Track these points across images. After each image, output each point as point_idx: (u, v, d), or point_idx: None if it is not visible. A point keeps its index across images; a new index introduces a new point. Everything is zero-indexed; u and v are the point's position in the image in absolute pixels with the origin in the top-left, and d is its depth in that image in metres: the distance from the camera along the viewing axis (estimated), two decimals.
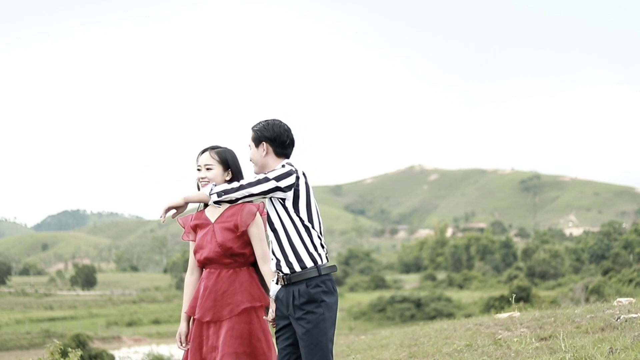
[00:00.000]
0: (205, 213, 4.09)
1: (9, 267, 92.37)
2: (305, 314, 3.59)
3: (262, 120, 3.86)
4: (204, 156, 4.05)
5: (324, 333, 3.60)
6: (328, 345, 3.60)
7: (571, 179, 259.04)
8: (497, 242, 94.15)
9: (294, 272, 3.65)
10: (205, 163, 4.03)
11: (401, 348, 7.46)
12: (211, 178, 4.01)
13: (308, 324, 3.59)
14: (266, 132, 3.77)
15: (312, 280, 3.61)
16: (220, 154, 4.05)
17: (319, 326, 3.59)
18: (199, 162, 4.05)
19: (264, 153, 3.78)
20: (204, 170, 4.03)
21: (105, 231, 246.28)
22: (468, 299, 57.05)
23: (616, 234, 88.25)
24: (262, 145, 3.79)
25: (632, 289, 39.60)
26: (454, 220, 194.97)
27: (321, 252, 3.69)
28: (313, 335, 3.58)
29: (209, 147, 4.09)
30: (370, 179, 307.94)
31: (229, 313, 3.88)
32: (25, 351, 38.33)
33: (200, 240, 4.00)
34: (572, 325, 6.05)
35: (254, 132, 3.83)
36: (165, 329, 55.80)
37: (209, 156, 4.04)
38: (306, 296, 3.60)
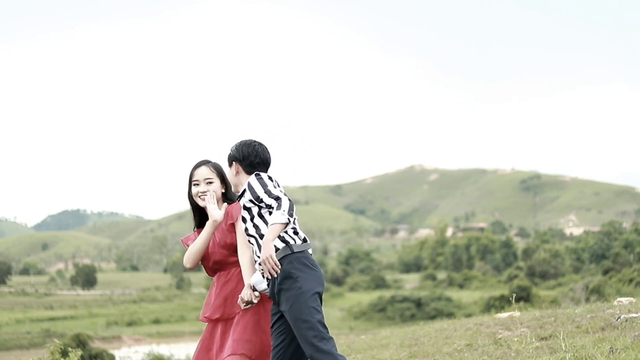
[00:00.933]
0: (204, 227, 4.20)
1: (9, 267, 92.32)
2: (285, 292, 3.73)
3: (240, 140, 4.11)
4: (202, 170, 4.14)
5: (306, 305, 3.68)
6: (314, 316, 3.68)
7: (571, 178, 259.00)
8: (498, 242, 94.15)
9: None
10: (206, 177, 4.11)
11: (401, 348, 7.46)
12: (213, 190, 4.11)
13: (288, 300, 3.71)
14: (236, 153, 4.05)
15: (285, 259, 3.75)
16: (217, 168, 4.17)
17: (298, 300, 3.69)
18: (197, 176, 4.12)
19: (235, 172, 4.06)
20: (203, 184, 4.11)
21: (105, 231, 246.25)
22: (468, 299, 57.06)
23: (616, 234, 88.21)
24: (233, 165, 4.07)
25: (633, 289, 39.58)
26: (454, 220, 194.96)
27: (292, 235, 3.81)
28: (295, 310, 3.69)
29: (203, 161, 4.17)
30: (371, 178, 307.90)
31: (239, 309, 3.96)
32: (26, 351, 38.32)
33: (208, 248, 4.09)
34: (572, 325, 6.05)
35: (228, 153, 4.09)
36: (165, 328, 55.84)
37: (208, 170, 4.14)
38: (282, 274, 3.73)
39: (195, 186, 4.12)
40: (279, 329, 3.84)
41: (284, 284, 3.73)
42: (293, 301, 3.69)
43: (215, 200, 4.10)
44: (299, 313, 3.67)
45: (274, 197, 3.83)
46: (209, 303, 4.06)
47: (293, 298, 3.70)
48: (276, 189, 3.87)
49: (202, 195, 4.09)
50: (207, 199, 4.06)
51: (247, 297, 3.86)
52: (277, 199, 3.81)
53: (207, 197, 4.06)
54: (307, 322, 3.66)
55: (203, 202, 4.10)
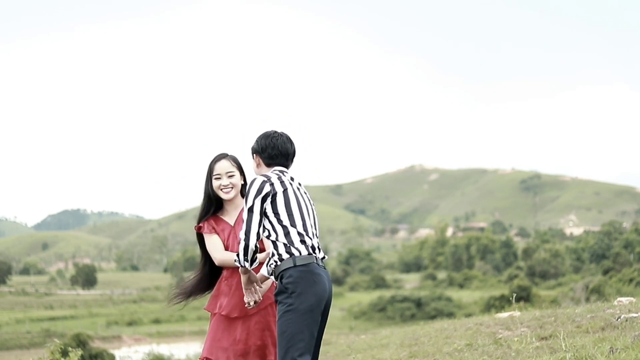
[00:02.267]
0: (221, 217, 4.28)
1: (9, 267, 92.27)
2: (278, 303, 3.78)
3: (262, 132, 4.09)
4: (223, 163, 4.21)
5: (291, 323, 3.70)
6: (295, 336, 3.67)
7: (571, 178, 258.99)
8: (498, 242, 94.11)
9: (276, 265, 3.84)
10: (227, 170, 4.19)
11: (401, 347, 7.46)
12: (235, 184, 4.21)
13: (278, 313, 3.77)
14: (255, 145, 4.05)
15: (286, 272, 3.77)
16: (236, 161, 4.25)
17: (285, 316, 3.72)
18: (218, 170, 4.18)
19: (256, 164, 4.06)
20: (225, 178, 4.18)
21: (105, 231, 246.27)
22: (468, 299, 57.03)
23: (616, 234, 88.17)
24: (254, 157, 4.07)
25: (633, 289, 39.52)
26: (455, 220, 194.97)
27: (299, 247, 3.80)
28: (280, 324, 3.73)
29: (223, 155, 4.24)
30: (371, 178, 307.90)
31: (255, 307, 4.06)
32: (26, 350, 38.27)
33: (225, 241, 4.19)
34: (572, 325, 6.04)
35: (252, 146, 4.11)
36: (165, 328, 55.82)
37: (229, 163, 4.21)
38: (279, 287, 3.79)
39: (216, 179, 4.18)
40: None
41: (278, 297, 3.78)
42: (280, 315, 3.75)
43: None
44: (282, 329, 3.72)
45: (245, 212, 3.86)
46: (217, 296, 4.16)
47: (281, 312, 3.75)
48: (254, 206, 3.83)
49: (224, 188, 4.18)
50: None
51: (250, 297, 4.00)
52: (245, 224, 3.83)
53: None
54: (285, 340, 3.69)
55: (226, 195, 4.19)
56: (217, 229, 4.23)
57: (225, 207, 4.30)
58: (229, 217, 4.27)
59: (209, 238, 4.21)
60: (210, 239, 4.21)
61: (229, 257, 4.12)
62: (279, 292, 3.77)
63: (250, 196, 3.83)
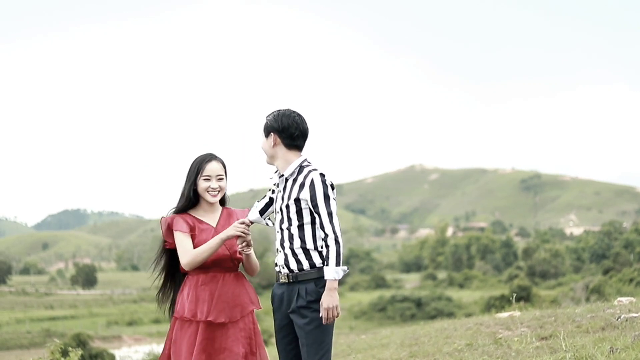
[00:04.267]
0: (197, 217, 3.97)
1: (9, 267, 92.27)
2: (312, 312, 3.59)
3: (276, 110, 3.81)
4: (215, 165, 3.94)
5: (328, 332, 3.62)
6: (329, 345, 3.63)
7: (572, 178, 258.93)
8: (498, 242, 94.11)
9: (302, 270, 3.64)
10: (218, 173, 3.94)
11: (402, 347, 7.45)
12: (222, 188, 3.96)
13: (313, 322, 3.59)
14: (275, 123, 3.75)
15: (320, 280, 3.61)
16: (224, 165, 4.00)
17: (321, 326, 3.60)
18: (209, 171, 3.92)
19: (272, 144, 3.76)
20: (215, 180, 3.93)
21: (105, 230, 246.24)
22: (468, 299, 57.01)
23: (617, 234, 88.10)
24: (271, 136, 3.76)
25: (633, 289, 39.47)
26: (455, 220, 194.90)
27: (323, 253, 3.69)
28: (317, 334, 3.59)
29: (213, 156, 3.98)
30: (371, 178, 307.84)
31: (239, 313, 3.91)
32: (26, 350, 38.28)
33: (204, 242, 3.90)
34: (572, 325, 6.04)
35: (265, 122, 3.80)
36: (165, 328, 55.63)
37: (220, 166, 3.96)
38: (314, 295, 3.60)
39: (205, 181, 3.91)
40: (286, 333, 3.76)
41: (314, 305, 3.59)
42: (318, 324, 3.59)
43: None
44: (320, 339, 3.58)
45: (329, 214, 3.59)
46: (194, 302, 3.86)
47: (319, 321, 3.59)
48: (334, 201, 3.64)
49: (212, 191, 3.92)
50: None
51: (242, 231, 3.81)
52: (332, 226, 3.58)
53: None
54: (324, 349, 3.59)
55: (212, 199, 3.93)
56: (196, 229, 3.93)
57: (203, 206, 4.00)
58: (209, 218, 4.00)
59: (179, 238, 3.89)
60: (180, 239, 3.89)
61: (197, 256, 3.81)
62: (314, 301, 3.59)
63: (331, 196, 3.62)
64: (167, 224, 3.94)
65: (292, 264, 3.68)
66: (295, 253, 3.67)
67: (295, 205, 3.67)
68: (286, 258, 3.71)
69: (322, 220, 3.60)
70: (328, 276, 3.53)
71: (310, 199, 3.63)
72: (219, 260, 3.92)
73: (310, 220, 3.65)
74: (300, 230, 3.67)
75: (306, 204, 3.65)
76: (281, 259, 3.74)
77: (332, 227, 3.58)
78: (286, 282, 3.70)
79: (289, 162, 3.76)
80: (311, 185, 3.64)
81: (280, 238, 3.75)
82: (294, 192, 3.68)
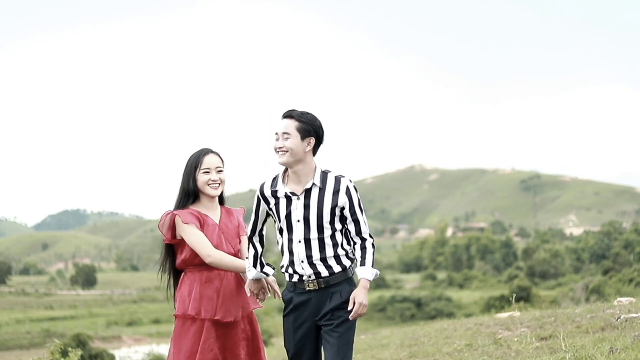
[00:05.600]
0: (201, 212, 3.88)
1: (9, 267, 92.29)
2: (345, 312, 3.50)
3: (306, 111, 3.55)
4: (213, 158, 3.88)
5: (353, 333, 3.59)
6: (352, 345, 3.59)
7: (571, 178, 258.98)
8: (498, 242, 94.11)
9: (334, 274, 3.53)
10: (218, 165, 3.87)
11: (401, 348, 7.45)
12: (223, 181, 3.90)
13: (346, 322, 3.52)
14: (315, 127, 3.52)
15: (351, 281, 3.57)
16: (221, 157, 3.93)
17: (353, 326, 3.57)
18: (208, 164, 3.84)
19: (308, 148, 3.52)
20: (214, 173, 3.86)
21: (105, 231, 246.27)
22: (468, 299, 57.03)
23: (616, 234, 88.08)
24: (308, 140, 3.52)
25: (633, 289, 39.45)
26: (454, 220, 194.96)
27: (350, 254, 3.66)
28: (349, 335, 3.54)
29: (209, 149, 3.90)
30: (371, 178, 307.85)
31: (243, 312, 3.88)
32: (26, 351, 38.29)
33: (213, 240, 3.83)
34: (572, 325, 6.03)
35: (302, 123, 3.50)
36: (165, 328, 55.76)
37: (219, 159, 3.90)
38: (347, 295, 3.51)
39: (205, 174, 3.82)
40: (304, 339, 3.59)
41: (347, 305, 3.49)
42: (350, 325, 3.53)
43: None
44: (348, 339, 3.52)
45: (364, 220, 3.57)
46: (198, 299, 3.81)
47: (351, 322, 3.53)
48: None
49: (212, 183, 3.84)
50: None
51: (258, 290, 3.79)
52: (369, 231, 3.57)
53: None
54: (351, 348, 3.53)
55: (214, 191, 3.86)
56: (203, 224, 3.84)
57: (204, 202, 3.90)
58: (211, 213, 3.91)
59: (193, 231, 3.78)
60: (195, 232, 3.78)
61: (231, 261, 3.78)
62: (346, 302, 3.50)
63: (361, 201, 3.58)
64: (172, 219, 3.82)
65: (324, 271, 3.54)
66: (327, 261, 3.53)
67: (330, 214, 3.50)
68: (316, 267, 3.53)
69: (361, 227, 3.54)
70: (365, 275, 3.48)
71: (348, 206, 3.52)
72: None
73: (341, 227, 3.56)
74: (333, 239, 3.52)
75: (340, 211, 3.52)
76: (309, 269, 3.54)
77: (369, 232, 3.58)
78: (315, 288, 3.55)
79: (312, 169, 3.58)
80: (347, 192, 3.53)
81: (305, 248, 3.53)
82: (328, 200, 3.51)
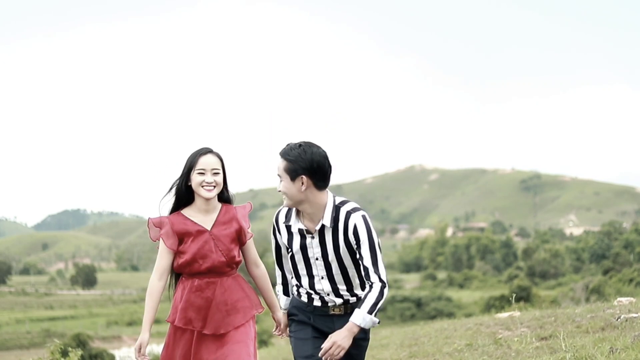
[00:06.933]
0: (190, 218, 3.60)
1: (9, 267, 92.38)
2: (365, 341, 3.43)
3: (293, 144, 3.18)
4: (210, 158, 3.56)
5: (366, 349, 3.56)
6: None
7: (571, 178, 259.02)
8: (498, 242, 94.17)
9: (359, 298, 3.37)
10: (213, 167, 3.55)
11: (401, 348, 7.45)
12: (218, 183, 3.56)
13: (364, 342, 3.44)
14: (304, 163, 3.11)
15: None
16: (221, 158, 3.62)
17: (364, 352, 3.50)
18: (203, 164, 3.54)
19: (303, 188, 3.15)
20: (210, 174, 3.54)
21: (105, 231, 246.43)
22: (468, 299, 57.04)
23: (616, 234, 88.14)
24: (300, 178, 3.14)
25: (633, 289, 39.47)
26: (454, 220, 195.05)
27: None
28: (364, 354, 3.48)
29: (208, 149, 3.60)
30: (371, 178, 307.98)
31: (242, 319, 3.64)
32: (26, 351, 38.27)
33: (200, 249, 3.56)
34: (572, 325, 6.03)
35: (288, 162, 3.15)
36: (165, 328, 55.32)
37: (216, 160, 3.58)
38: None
39: (200, 175, 3.51)
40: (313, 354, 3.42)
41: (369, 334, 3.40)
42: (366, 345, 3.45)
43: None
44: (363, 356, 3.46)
45: (373, 263, 3.19)
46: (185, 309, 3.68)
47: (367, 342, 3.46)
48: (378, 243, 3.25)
49: (206, 185, 3.53)
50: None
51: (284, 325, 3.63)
52: (378, 274, 3.20)
53: None
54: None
55: (207, 194, 3.54)
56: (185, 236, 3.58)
57: (199, 204, 3.61)
58: (202, 219, 3.61)
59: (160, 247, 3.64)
60: (160, 249, 3.64)
61: (149, 307, 3.70)
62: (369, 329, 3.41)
63: (376, 239, 3.23)
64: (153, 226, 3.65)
65: (352, 299, 3.38)
66: (354, 290, 3.35)
67: (349, 253, 3.24)
68: (343, 297, 3.36)
69: (368, 270, 3.20)
70: (355, 319, 3.18)
71: (356, 247, 3.21)
72: (215, 267, 3.59)
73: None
74: (358, 270, 3.30)
75: (356, 248, 3.24)
76: (338, 300, 3.35)
77: (378, 276, 3.19)
78: (342, 313, 3.36)
79: (322, 206, 3.22)
80: (354, 231, 3.20)
81: (330, 283, 3.30)
82: (341, 241, 3.21)
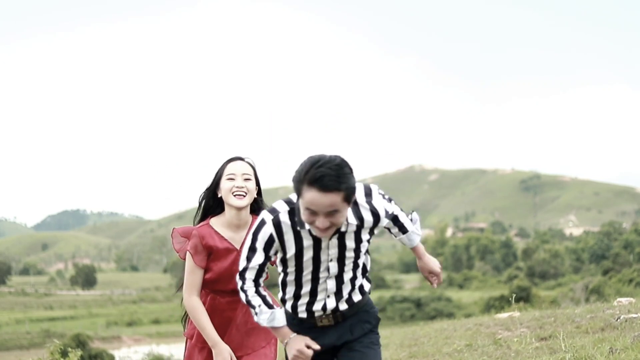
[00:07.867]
0: (219, 232, 3.38)
1: (9, 267, 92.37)
2: (375, 334, 3.27)
3: (321, 171, 2.64)
4: (240, 165, 3.38)
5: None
6: None
7: (571, 178, 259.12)
8: (497, 242, 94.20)
9: (353, 304, 3.14)
10: (244, 172, 3.36)
11: (401, 348, 7.45)
12: (250, 190, 3.35)
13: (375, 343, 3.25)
14: (351, 184, 2.72)
15: (371, 301, 3.27)
16: (253, 167, 3.43)
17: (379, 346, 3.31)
18: (233, 170, 3.35)
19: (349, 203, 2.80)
20: (240, 180, 3.33)
21: (105, 231, 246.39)
22: (468, 299, 57.05)
23: (616, 234, 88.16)
24: (350, 197, 2.75)
25: (632, 289, 39.46)
26: (454, 220, 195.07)
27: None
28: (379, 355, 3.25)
29: (238, 156, 3.43)
30: (371, 178, 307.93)
31: (263, 340, 3.48)
32: (26, 351, 38.28)
33: (227, 269, 3.34)
34: (572, 325, 6.03)
35: (344, 192, 2.67)
36: (165, 328, 55.80)
37: (247, 166, 3.39)
38: (375, 320, 3.23)
39: (229, 180, 3.32)
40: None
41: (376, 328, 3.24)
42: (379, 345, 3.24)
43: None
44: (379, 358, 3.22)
45: (402, 217, 3.15)
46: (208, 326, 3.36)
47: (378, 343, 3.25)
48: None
49: (237, 191, 3.31)
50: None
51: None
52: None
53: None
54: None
55: (238, 201, 3.31)
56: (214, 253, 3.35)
57: (229, 218, 3.38)
58: (231, 235, 3.39)
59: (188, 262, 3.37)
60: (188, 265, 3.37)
61: (193, 312, 3.32)
62: (378, 323, 3.26)
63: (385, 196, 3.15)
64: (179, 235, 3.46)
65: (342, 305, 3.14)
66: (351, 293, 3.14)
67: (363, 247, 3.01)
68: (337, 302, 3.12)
69: (404, 223, 3.16)
70: (418, 240, 3.23)
71: (385, 215, 2.97)
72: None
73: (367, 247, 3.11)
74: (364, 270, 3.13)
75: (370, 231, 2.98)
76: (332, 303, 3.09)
77: (407, 213, 3.21)
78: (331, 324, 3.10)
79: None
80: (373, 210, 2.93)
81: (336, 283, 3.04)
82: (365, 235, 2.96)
